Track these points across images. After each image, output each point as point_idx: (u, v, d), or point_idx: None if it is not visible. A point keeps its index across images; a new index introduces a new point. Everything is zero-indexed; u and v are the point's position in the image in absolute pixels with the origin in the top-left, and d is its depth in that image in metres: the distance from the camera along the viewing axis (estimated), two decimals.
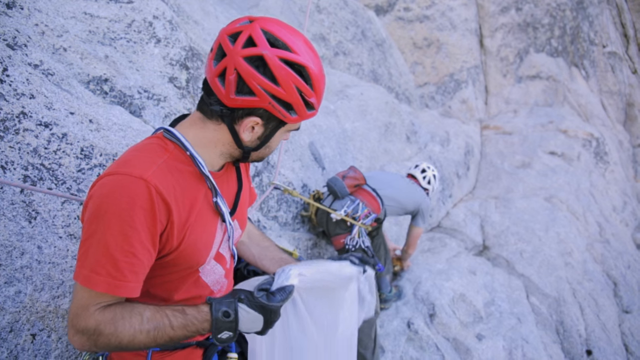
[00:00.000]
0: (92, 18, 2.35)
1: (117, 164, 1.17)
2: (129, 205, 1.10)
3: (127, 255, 1.10)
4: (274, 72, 1.15)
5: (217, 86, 1.19)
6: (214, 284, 1.39)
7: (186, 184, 1.22)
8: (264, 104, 1.18)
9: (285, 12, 5.28)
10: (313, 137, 3.89)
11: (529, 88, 8.07)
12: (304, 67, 1.18)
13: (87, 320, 1.10)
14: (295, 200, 3.37)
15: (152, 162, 1.17)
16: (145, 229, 1.12)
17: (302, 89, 1.19)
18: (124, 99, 2.26)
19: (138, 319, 1.13)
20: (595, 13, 8.93)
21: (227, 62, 1.17)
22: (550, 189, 6.30)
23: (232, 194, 1.42)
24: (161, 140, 1.25)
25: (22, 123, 1.62)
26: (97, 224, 1.10)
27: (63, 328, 1.56)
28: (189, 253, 1.25)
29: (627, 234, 6.68)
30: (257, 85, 1.15)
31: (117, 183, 1.12)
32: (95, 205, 1.12)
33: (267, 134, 1.26)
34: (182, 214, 1.20)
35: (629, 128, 8.97)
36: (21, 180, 1.57)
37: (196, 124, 1.27)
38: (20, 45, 1.86)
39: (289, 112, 1.21)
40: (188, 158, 1.25)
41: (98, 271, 1.09)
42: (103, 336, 1.10)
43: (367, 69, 6.01)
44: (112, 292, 1.10)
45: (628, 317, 5.25)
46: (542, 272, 4.92)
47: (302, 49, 1.19)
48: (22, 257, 1.50)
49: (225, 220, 1.34)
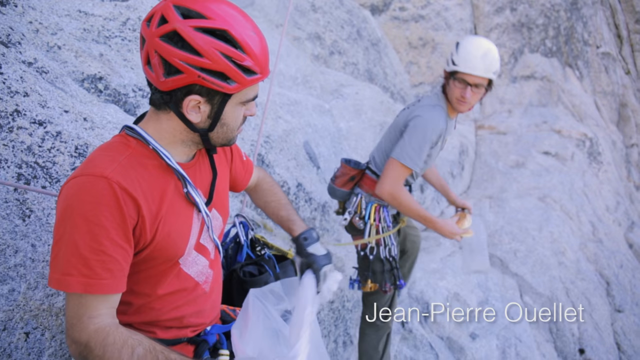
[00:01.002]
0: (86, 16, 2.34)
1: (81, 167, 1.17)
2: (93, 205, 1.10)
3: (98, 254, 1.10)
4: (191, 43, 1.11)
5: (149, 74, 1.18)
6: (197, 275, 1.38)
7: (152, 178, 1.22)
8: (193, 78, 1.13)
9: (281, 10, 5.28)
10: (308, 136, 3.89)
11: (523, 88, 8.10)
12: (225, 31, 1.13)
13: (80, 333, 1.10)
14: (290, 199, 3.37)
15: (113, 159, 1.17)
16: (114, 225, 1.12)
17: (230, 54, 1.13)
18: (119, 97, 2.26)
19: (128, 352, 1.11)
20: (589, 14, 8.97)
21: (147, 47, 1.16)
22: (544, 188, 6.33)
23: (207, 184, 1.40)
24: (124, 137, 1.25)
25: (16, 121, 1.62)
26: (64, 227, 1.11)
27: (57, 326, 1.56)
28: (164, 245, 1.25)
29: (620, 234, 6.73)
30: (179, 61, 1.12)
31: (80, 185, 1.12)
32: (61, 209, 1.13)
33: (216, 110, 1.21)
34: (152, 207, 1.20)
35: (622, 128, 9.03)
36: (15, 178, 1.56)
37: (152, 118, 1.27)
38: (14, 42, 1.85)
39: (225, 82, 1.15)
40: (152, 152, 1.24)
41: (70, 272, 1.09)
42: (91, 355, 1.10)
43: (362, 68, 6.02)
44: (87, 291, 1.10)
45: (620, 316, 5.29)
46: (535, 272, 4.95)
47: (220, 13, 1.13)
48: (16, 255, 1.49)
49: (200, 210, 1.34)
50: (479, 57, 2.39)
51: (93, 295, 1.12)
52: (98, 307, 1.13)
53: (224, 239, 1.94)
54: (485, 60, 2.40)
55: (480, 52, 2.39)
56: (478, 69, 2.39)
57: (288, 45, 4.93)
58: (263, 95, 3.55)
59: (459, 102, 2.47)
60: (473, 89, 2.41)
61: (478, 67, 2.39)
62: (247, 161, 1.70)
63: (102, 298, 1.14)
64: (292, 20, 5.39)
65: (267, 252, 1.95)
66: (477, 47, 2.43)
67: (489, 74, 2.41)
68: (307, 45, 5.47)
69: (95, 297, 1.12)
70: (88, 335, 1.10)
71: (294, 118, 3.84)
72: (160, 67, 1.15)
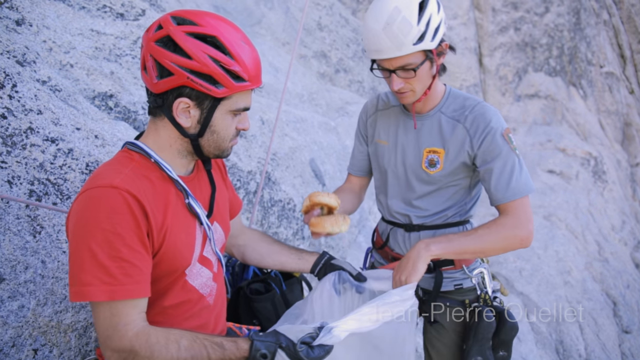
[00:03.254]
0: (98, 35, 2.39)
1: (87, 182, 1.21)
2: (106, 214, 1.13)
3: (116, 260, 1.12)
4: (182, 46, 1.18)
5: (145, 78, 1.25)
6: (201, 287, 1.40)
7: (155, 189, 1.25)
8: (182, 79, 1.19)
9: (288, 29, 5.36)
10: (314, 153, 3.92)
11: (527, 107, 8.14)
12: (214, 37, 1.20)
13: (121, 340, 1.12)
14: (296, 216, 3.38)
15: (118, 171, 1.21)
16: (128, 232, 1.14)
17: (218, 58, 1.19)
18: (129, 115, 2.29)
19: (175, 346, 1.14)
20: (593, 34, 9.05)
21: (144, 52, 1.23)
22: (549, 207, 6.32)
23: (206, 197, 1.44)
24: (126, 152, 1.30)
25: (29, 138, 1.64)
26: (78, 240, 1.13)
27: (65, 343, 1.56)
28: (172, 256, 1.27)
29: (626, 253, 6.69)
30: (170, 63, 1.18)
31: (90, 197, 1.15)
32: (73, 223, 1.15)
33: (205, 115, 1.26)
34: (158, 217, 1.23)
35: (627, 147, 9.02)
36: (27, 195, 1.58)
37: (151, 129, 1.31)
38: (29, 61, 1.89)
39: (214, 85, 1.21)
40: (154, 165, 1.28)
41: (90, 282, 1.11)
42: (139, 358, 1.12)
43: (368, 86, 6.07)
44: (112, 297, 1.11)
45: (628, 337, 5.23)
46: (541, 291, 4.91)
47: (211, 22, 1.21)
48: (26, 271, 1.51)
49: (202, 222, 1.36)
50: (380, 30, 1.57)
51: (121, 302, 1.13)
52: (130, 313, 1.14)
53: (230, 257, 1.95)
54: (390, 31, 1.56)
55: (380, 22, 1.57)
56: (385, 47, 1.59)
57: (294, 63, 4.99)
58: (270, 113, 3.59)
59: (395, 94, 1.74)
60: (401, 75, 1.65)
61: (384, 45, 1.59)
62: (237, 196, 1.73)
63: (131, 304, 1.15)
64: (299, 39, 5.46)
65: (274, 270, 1.95)
66: (375, 17, 1.60)
67: (406, 48, 1.58)
68: (313, 63, 5.54)
69: (124, 304, 1.14)
70: (130, 340, 1.12)
71: (300, 135, 3.87)
72: (154, 70, 1.21)
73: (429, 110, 1.82)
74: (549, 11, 8.58)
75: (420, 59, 1.63)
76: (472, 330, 1.79)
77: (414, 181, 1.86)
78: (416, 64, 1.63)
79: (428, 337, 2.02)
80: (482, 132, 1.70)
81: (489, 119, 1.70)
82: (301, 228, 3.46)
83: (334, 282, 1.64)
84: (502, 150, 1.68)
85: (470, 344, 1.78)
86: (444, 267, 1.90)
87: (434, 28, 1.61)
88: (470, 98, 1.79)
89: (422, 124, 1.82)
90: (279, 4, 5.48)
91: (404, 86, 1.67)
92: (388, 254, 2.03)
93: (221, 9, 4.76)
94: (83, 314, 1.62)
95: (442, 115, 1.79)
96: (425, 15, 1.57)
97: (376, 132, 1.96)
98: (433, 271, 1.90)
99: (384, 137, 1.93)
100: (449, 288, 1.91)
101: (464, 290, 1.91)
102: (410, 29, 1.56)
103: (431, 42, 1.61)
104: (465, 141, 1.74)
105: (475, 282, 1.90)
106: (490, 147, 1.70)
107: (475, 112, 1.73)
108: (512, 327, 1.77)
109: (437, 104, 1.81)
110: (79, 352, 1.60)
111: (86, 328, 1.63)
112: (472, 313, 1.85)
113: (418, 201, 1.89)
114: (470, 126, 1.73)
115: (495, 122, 1.70)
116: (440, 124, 1.79)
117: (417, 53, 1.61)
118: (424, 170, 1.82)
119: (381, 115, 1.96)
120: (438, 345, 1.97)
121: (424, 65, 1.64)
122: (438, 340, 1.97)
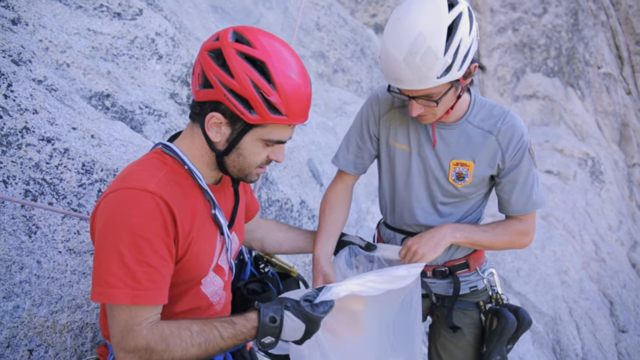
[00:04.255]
0: (95, 34, 2.38)
1: (118, 181, 1.19)
2: (138, 218, 1.12)
3: (142, 265, 1.12)
4: (228, 63, 1.16)
5: (192, 81, 1.25)
6: (212, 295, 1.41)
7: (186, 197, 1.25)
8: (219, 95, 1.17)
9: (286, 29, 5.35)
10: (312, 153, 3.91)
11: (525, 107, 8.15)
12: (263, 63, 1.16)
13: (136, 340, 1.12)
14: (293, 216, 3.38)
15: (153, 175, 1.20)
16: (157, 238, 1.14)
17: (259, 85, 1.16)
18: (125, 115, 2.28)
19: (187, 333, 1.15)
20: (590, 35, 9.06)
21: (198, 58, 1.23)
22: (546, 207, 6.33)
23: (229, 208, 1.44)
24: (160, 155, 1.29)
25: (24, 138, 1.64)
26: (108, 240, 1.12)
27: (60, 344, 1.56)
28: (193, 265, 1.27)
29: (623, 253, 6.70)
30: (212, 75, 1.17)
31: (123, 198, 1.15)
32: (103, 222, 1.14)
33: (235, 136, 1.24)
34: (186, 226, 1.23)
35: (624, 148, 9.04)
36: (22, 194, 1.57)
37: (187, 134, 1.31)
38: (25, 61, 1.88)
39: (248, 110, 1.18)
40: (186, 172, 1.28)
41: (115, 285, 1.11)
42: (155, 353, 1.12)
43: (366, 86, 6.07)
44: (133, 302, 1.11)
45: (624, 337, 5.24)
46: (538, 291, 4.92)
47: (266, 47, 1.17)
48: (22, 271, 1.50)
49: (223, 233, 1.36)
50: (401, 60, 1.41)
51: (141, 306, 1.13)
52: (146, 316, 1.15)
53: None
54: (412, 63, 1.40)
55: (401, 51, 1.40)
56: (405, 79, 1.45)
57: None
58: None
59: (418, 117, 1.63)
60: (420, 102, 1.53)
61: (404, 77, 1.44)
62: (254, 198, 1.76)
63: (149, 309, 1.15)
64: (297, 39, 5.46)
65: (271, 270, 1.95)
66: (396, 43, 1.42)
67: (429, 81, 1.43)
68: (312, 63, 5.53)
69: (143, 308, 1.14)
70: (144, 338, 1.12)
71: (298, 136, 3.86)
72: (199, 77, 1.21)
73: (455, 120, 1.69)
74: (547, 12, 8.59)
75: (445, 88, 1.49)
76: (497, 332, 1.78)
77: (438, 193, 1.77)
78: (439, 94, 1.49)
79: (440, 341, 1.97)
80: (515, 146, 1.66)
81: (521, 132, 1.66)
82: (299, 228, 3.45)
83: (345, 257, 1.72)
84: (528, 165, 1.69)
85: (493, 345, 1.79)
86: (459, 272, 1.89)
87: (463, 55, 1.43)
88: (497, 106, 1.72)
89: (448, 133, 1.69)
90: (277, 4, 5.48)
91: (424, 111, 1.56)
92: None
93: (219, 8, 4.76)
94: (79, 314, 1.62)
95: (469, 125, 1.69)
96: (454, 42, 1.40)
97: (391, 134, 1.78)
98: (448, 276, 1.89)
99: (403, 142, 1.76)
100: (465, 291, 1.91)
101: (479, 292, 1.92)
102: (436, 62, 1.39)
103: (458, 71, 1.45)
104: (497, 154, 1.67)
105: (487, 283, 1.92)
106: (519, 162, 1.68)
107: (507, 124, 1.66)
108: (529, 324, 1.80)
109: (463, 114, 1.69)
110: (74, 353, 1.60)
111: (82, 328, 1.63)
112: (488, 315, 1.85)
113: (438, 213, 1.81)
114: (503, 139, 1.66)
115: (526, 136, 1.68)
116: (469, 135, 1.68)
117: (441, 85, 1.47)
118: (452, 184, 1.73)
119: (398, 114, 1.77)
120: (452, 349, 1.93)
121: (448, 93, 1.51)
122: (452, 343, 1.93)
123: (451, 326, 1.88)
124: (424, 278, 1.91)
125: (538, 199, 1.73)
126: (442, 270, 1.89)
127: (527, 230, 1.79)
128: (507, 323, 1.76)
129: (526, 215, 1.77)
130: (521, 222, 1.79)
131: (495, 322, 1.80)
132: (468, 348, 1.91)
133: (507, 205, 1.78)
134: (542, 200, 1.76)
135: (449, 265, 1.88)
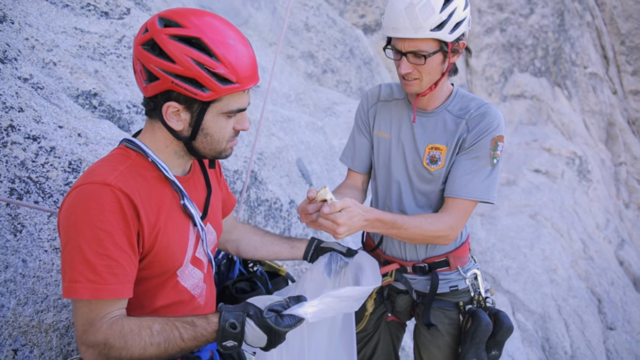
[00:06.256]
0: (82, 33, 2.37)
1: (82, 177, 1.20)
2: (97, 211, 1.12)
3: (103, 258, 1.12)
4: (165, 50, 1.15)
5: (137, 82, 1.24)
6: (193, 288, 1.40)
7: (151, 189, 1.25)
8: (167, 84, 1.17)
9: (275, 29, 5.35)
10: (301, 153, 3.92)
11: (513, 107, 8.22)
12: (198, 39, 1.16)
13: (96, 335, 1.11)
14: (282, 216, 3.38)
15: (114, 168, 1.20)
16: (118, 231, 1.14)
17: (202, 61, 1.15)
18: (113, 114, 2.27)
19: (147, 332, 1.14)
20: (576, 35, 9.17)
21: (133, 56, 1.22)
22: (534, 206, 6.38)
23: (201, 199, 1.44)
24: (124, 150, 1.29)
25: (10, 136, 1.62)
26: (69, 235, 1.13)
27: (46, 343, 1.54)
28: (163, 256, 1.27)
29: (611, 251, 6.78)
30: (155, 67, 1.16)
31: (83, 193, 1.15)
32: (65, 218, 1.15)
33: (196, 118, 1.23)
34: (151, 217, 1.22)
35: (611, 147, 9.15)
36: (7, 193, 1.56)
37: (147, 129, 1.31)
38: (10, 59, 1.86)
39: (199, 89, 1.17)
40: (151, 164, 1.28)
41: (77, 279, 1.11)
42: (114, 350, 1.11)
43: (355, 86, 6.09)
44: (95, 296, 1.11)
45: (612, 334, 5.30)
46: (527, 289, 4.96)
47: (197, 23, 1.17)
48: (6, 270, 1.48)
49: (196, 224, 1.36)
50: (402, 9, 1.58)
51: (102, 300, 1.13)
52: (108, 310, 1.14)
53: (216, 255, 1.94)
54: (412, 12, 1.56)
55: (405, 2, 1.58)
56: (402, 26, 1.59)
57: (281, 63, 4.98)
58: (256, 113, 3.58)
59: (401, 81, 1.74)
60: (411, 60, 1.64)
61: (402, 24, 1.59)
62: (231, 194, 1.74)
63: (111, 302, 1.15)
64: (286, 39, 5.46)
65: (259, 269, 1.95)
66: None
67: (422, 31, 1.57)
68: (301, 63, 5.54)
69: (105, 302, 1.14)
70: (104, 334, 1.11)
71: (287, 135, 3.86)
72: (142, 74, 1.20)
73: (435, 108, 1.79)
74: (534, 13, 8.68)
75: (434, 48, 1.61)
76: (469, 333, 1.78)
77: (415, 179, 1.82)
78: (428, 52, 1.61)
79: (421, 341, 1.99)
80: (480, 130, 1.70)
81: (490, 121, 1.70)
82: (288, 227, 3.46)
83: (325, 264, 1.66)
84: (487, 155, 1.70)
85: (467, 347, 1.78)
86: (439, 269, 1.89)
87: (456, 21, 1.60)
88: (478, 99, 1.78)
89: (427, 120, 1.79)
90: (265, 4, 5.47)
91: (412, 72, 1.65)
92: (380, 256, 1.99)
93: (207, 8, 4.74)
94: (65, 313, 1.60)
95: (447, 114, 1.77)
96: (450, 6, 1.58)
97: (376, 124, 1.89)
98: (428, 273, 1.88)
99: (385, 130, 1.87)
100: (445, 290, 1.90)
101: (459, 292, 1.90)
102: (432, 14, 1.55)
103: (449, 34, 1.60)
104: (463, 135, 1.73)
105: (469, 284, 1.90)
106: (476, 144, 1.70)
107: (480, 111, 1.72)
108: (509, 329, 1.78)
109: (443, 102, 1.78)
110: (60, 352, 1.58)
111: (68, 328, 1.61)
112: (466, 316, 1.84)
113: (416, 201, 1.84)
114: (471, 123, 1.72)
115: (497, 128, 1.70)
116: (445, 122, 1.76)
117: (431, 41, 1.60)
118: (425, 168, 1.78)
119: (382, 107, 1.90)
120: (431, 349, 1.95)
121: (435, 55, 1.63)
122: (431, 343, 1.94)
123: (427, 323, 1.89)
124: (404, 274, 1.92)
125: (479, 191, 1.69)
126: (422, 267, 1.89)
127: (450, 222, 1.69)
128: (479, 324, 1.75)
129: (459, 202, 1.71)
130: (450, 215, 1.71)
131: (470, 323, 1.80)
132: (446, 348, 1.91)
133: (450, 183, 1.74)
134: (483, 195, 1.70)
135: (429, 262, 1.87)
